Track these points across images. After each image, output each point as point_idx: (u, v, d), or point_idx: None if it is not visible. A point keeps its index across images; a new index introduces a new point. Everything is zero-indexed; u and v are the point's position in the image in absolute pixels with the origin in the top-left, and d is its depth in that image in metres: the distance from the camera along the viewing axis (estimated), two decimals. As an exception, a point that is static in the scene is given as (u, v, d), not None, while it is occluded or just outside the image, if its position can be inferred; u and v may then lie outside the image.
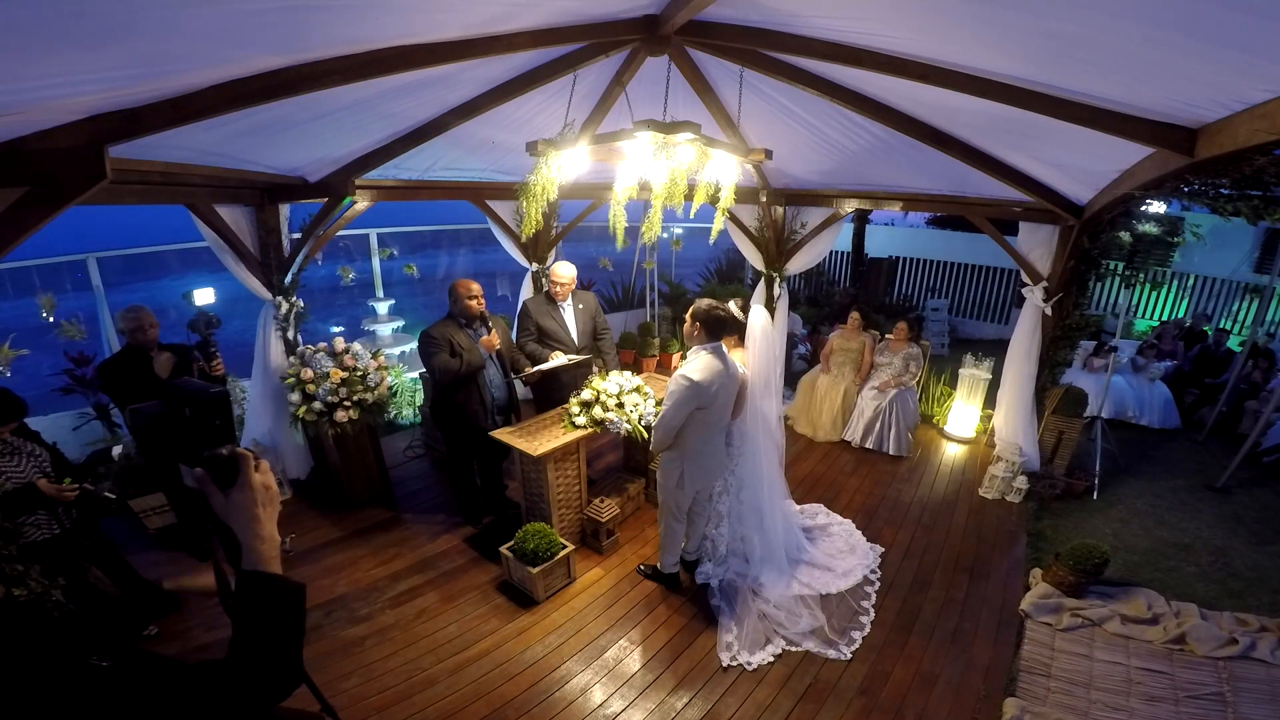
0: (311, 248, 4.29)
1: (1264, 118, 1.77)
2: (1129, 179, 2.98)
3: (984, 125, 3.06)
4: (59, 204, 1.92)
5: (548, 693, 2.78)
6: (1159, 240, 4.34)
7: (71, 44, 1.46)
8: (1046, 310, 4.47)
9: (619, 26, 2.51)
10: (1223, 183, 2.24)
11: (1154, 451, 5.51)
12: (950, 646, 3.11)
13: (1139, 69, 1.94)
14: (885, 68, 2.42)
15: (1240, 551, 3.98)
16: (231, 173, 3.44)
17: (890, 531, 4.11)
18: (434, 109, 3.21)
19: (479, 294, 3.66)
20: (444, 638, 3.09)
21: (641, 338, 7.35)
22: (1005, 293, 9.35)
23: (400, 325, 6.52)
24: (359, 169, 3.71)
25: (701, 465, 3.13)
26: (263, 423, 4.38)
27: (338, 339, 4.12)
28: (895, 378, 5.56)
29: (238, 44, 1.81)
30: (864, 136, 3.80)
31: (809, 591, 3.42)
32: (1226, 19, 1.49)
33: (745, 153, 2.73)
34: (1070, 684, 2.88)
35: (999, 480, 4.58)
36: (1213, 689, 2.85)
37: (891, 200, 5.03)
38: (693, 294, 8.45)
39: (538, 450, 3.38)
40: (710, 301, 2.98)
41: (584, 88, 3.24)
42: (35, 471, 2.55)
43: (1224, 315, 8.26)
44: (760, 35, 2.54)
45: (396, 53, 2.16)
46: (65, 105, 1.76)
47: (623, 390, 3.65)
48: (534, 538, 3.31)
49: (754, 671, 2.93)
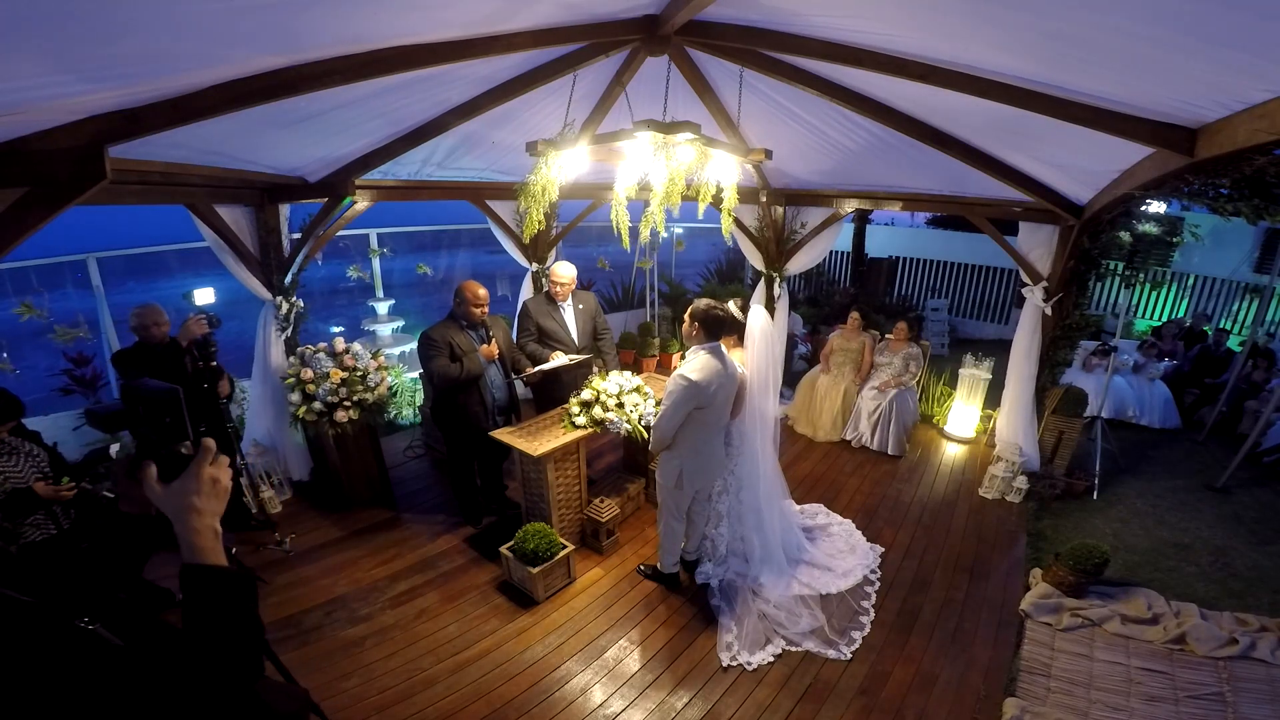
0: (311, 248, 4.29)
1: (1264, 118, 1.77)
2: (1129, 179, 2.98)
3: (984, 125, 3.06)
4: (59, 204, 1.92)
5: (548, 693, 2.78)
6: (1159, 240, 4.34)
7: (72, 43, 1.46)
8: (1046, 310, 4.47)
9: (619, 26, 2.52)
10: (1223, 183, 2.24)
11: (1154, 451, 5.51)
12: (950, 646, 3.11)
13: (1139, 69, 1.94)
14: (885, 68, 2.42)
15: (1240, 551, 3.98)
16: (231, 173, 3.44)
17: (890, 531, 4.11)
18: (434, 108, 3.21)
19: (485, 302, 3.65)
20: (444, 638, 3.09)
21: (641, 338, 7.35)
22: (1005, 293, 9.35)
23: (400, 325, 6.52)
24: (359, 169, 3.71)
25: (700, 465, 3.13)
26: (263, 423, 4.39)
27: (338, 339, 4.12)
28: (895, 378, 5.57)
29: (238, 44, 1.81)
30: (864, 136, 3.79)
31: (809, 591, 3.41)
32: (1226, 19, 1.49)
33: (745, 153, 2.73)
34: (1070, 684, 2.88)
35: (999, 480, 4.58)
36: (1213, 689, 2.84)
37: (891, 200, 5.02)
38: (693, 294, 8.44)
39: (538, 450, 3.38)
40: (709, 301, 2.98)
41: (584, 87, 3.24)
42: (33, 472, 2.55)
43: (1224, 315, 8.26)
44: (760, 35, 2.54)
45: (396, 52, 2.16)
46: (65, 105, 1.76)
47: (622, 390, 3.65)
48: (534, 538, 3.31)
49: (754, 671, 2.93)
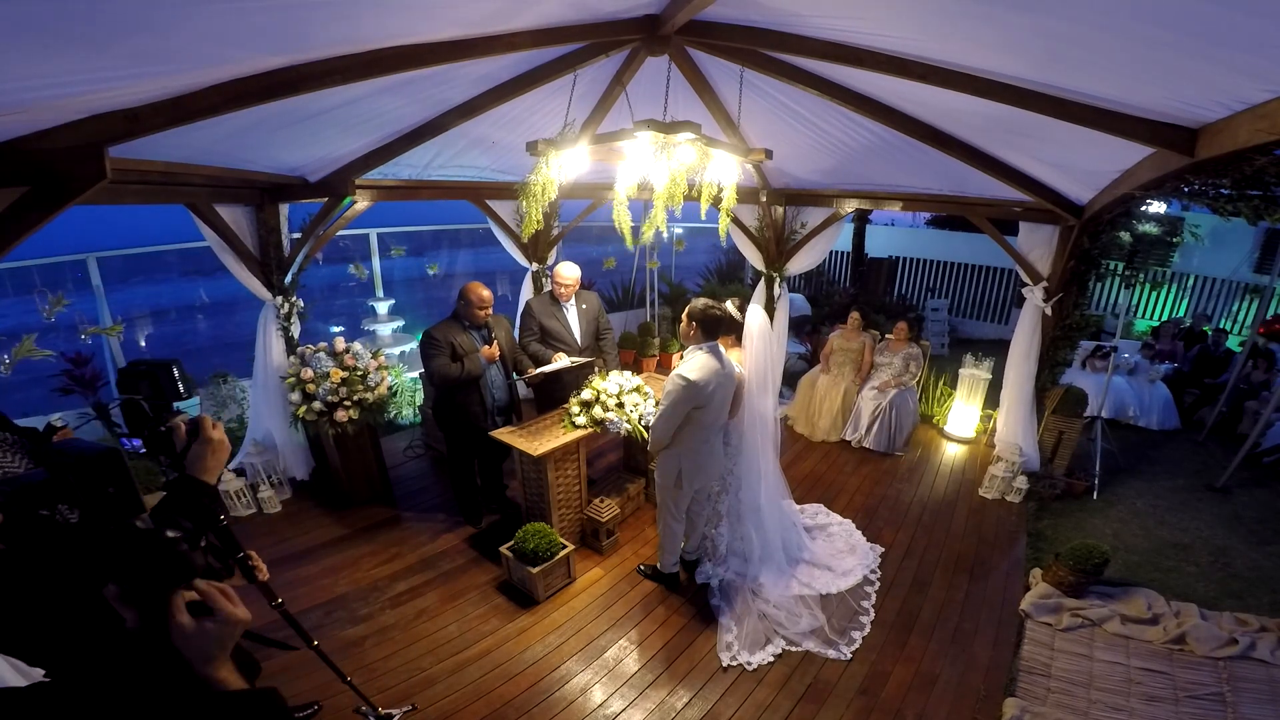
0: (312, 248, 4.29)
1: (1264, 118, 1.77)
2: (1129, 179, 2.98)
3: (984, 125, 3.06)
4: (59, 204, 1.92)
5: (548, 693, 2.78)
6: (1159, 240, 4.36)
7: (72, 43, 1.46)
8: (1046, 310, 4.47)
9: (619, 26, 2.52)
10: (1223, 183, 2.24)
11: (1154, 451, 5.51)
12: (950, 646, 3.11)
13: (1139, 69, 1.94)
14: (885, 68, 2.42)
15: (1240, 551, 3.98)
16: (231, 172, 3.43)
17: (890, 531, 4.11)
18: (434, 108, 3.21)
19: (489, 304, 3.64)
20: (444, 637, 3.09)
21: (641, 338, 7.35)
22: (1005, 293, 9.36)
23: (400, 325, 6.53)
24: (359, 169, 3.71)
25: (699, 464, 3.13)
26: (263, 423, 4.39)
27: (338, 339, 4.12)
28: (895, 378, 5.57)
29: (238, 44, 1.81)
30: (864, 135, 3.79)
31: (809, 591, 3.41)
32: (1226, 19, 1.49)
33: (745, 153, 2.73)
34: (1070, 684, 2.88)
35: (999, 480, 4.58)
36: (1213, 689, 2.84)
37: (891, 200, 5.02)
38: (693, 294, 8.44)
39: (538, 450, 3.39)
40: (706, 301, 2.98)
41: (584, 87, 3.24)
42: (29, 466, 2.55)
43: (1224, 315, 8.26)
44: (760, 35, 2.54)
45: (397, 52, 2.16)
46: (65, 105, 1.76)
47: (622, 390, 3.65)
48: (534, 538, 3.31)
49: (754, 671, 2.93)
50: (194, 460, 1.18)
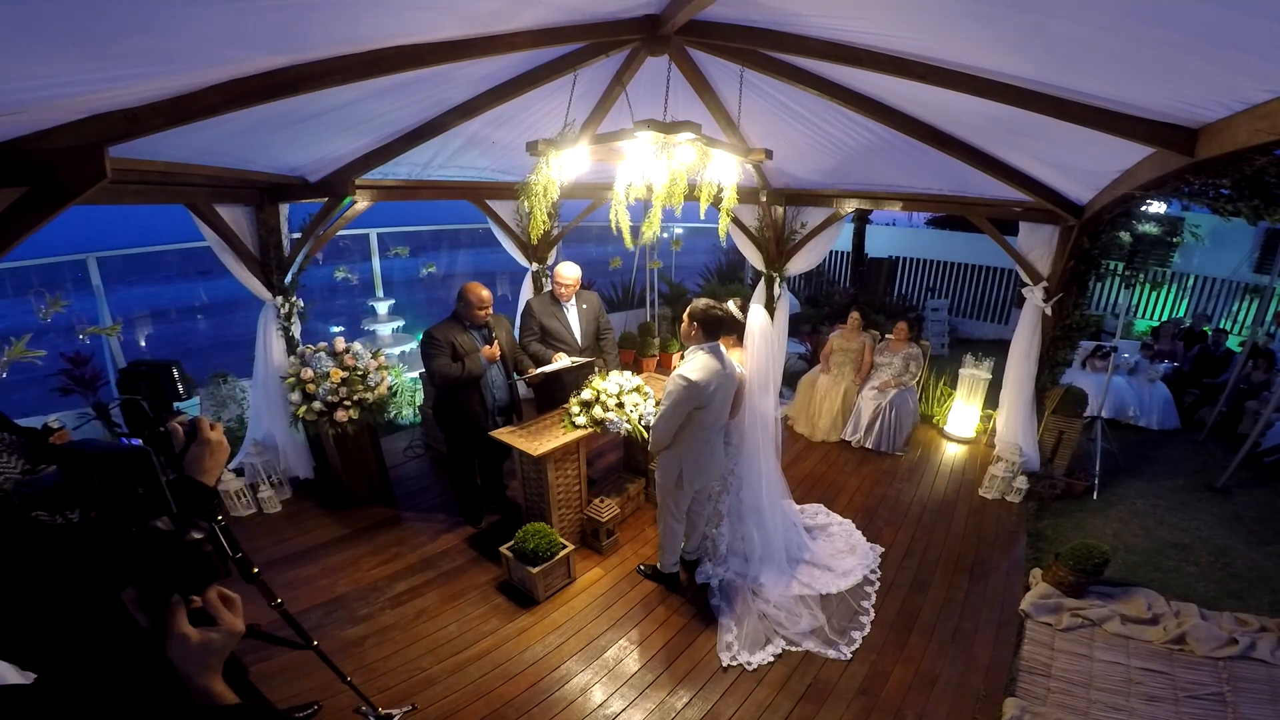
0: (312, 248, 4.29)
1: (1264, 118, 1.77)
2: (1129, 179, 2.98)
3: (984, 125, 3.06)
4: (59, 204, 1.92)
5: (548, 693, 2.78)
6: (1159, 240, 4.35)
7: (72, 43, 1.46)
8: (1046, 310, 4.47)
9: (619, 26, 2.51)
10: (1223, 183, 2.24)
11: (1154, 451, 5.51)
12: (950, 646, 3.11)
13: (1139, 69, 1.94)
14: (885, 68, 2.42)
15: (1240, 551, 3.98)
16: (231, 172, 3.43)
17: (890, 531, 4.11)
18: (434, 108, 3.21)
19: (488, 304, 3.65)
20: (444, 638, 3.09)
21: (641, 338, 7.35)
22: (1005, 293, 9.36)
23: (400, 325, 6.53)
24: (359, 169, 3.71)
25: (700, 464, 3.13)
26: (263, 423, 4.39)
27: (338, 339, 4.12)
28: (895, 378, 5.57)
29: (238, 44, 1.81)
30: (864, 135, 3.79)
31: (809, 591, 3.42)
32: (1226, 19, 1.49)
33: (745, 153, 2.73)
34: (1070, 684, 2.88)
35: (999, 480, 4.58)
36: (1213, 689, 2.84)
37: (892, 200, 5.02)
38: (693, 294, 8.45)
39: (538, 450, 3.39)
40: (707, 301, 2.98)
41: (584, 87, 3.24)
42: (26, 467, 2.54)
43: (1224, 315, 8.26)
44: (760, 35, 2.54)
45: (397, 52, 2.16)
46: (65, 105, 1.76)
47: (623, 390, 3.65)
48: (534, 538, 3.31)
49: (754, 671, 2.93)
50: (192, 461, 1.18)
